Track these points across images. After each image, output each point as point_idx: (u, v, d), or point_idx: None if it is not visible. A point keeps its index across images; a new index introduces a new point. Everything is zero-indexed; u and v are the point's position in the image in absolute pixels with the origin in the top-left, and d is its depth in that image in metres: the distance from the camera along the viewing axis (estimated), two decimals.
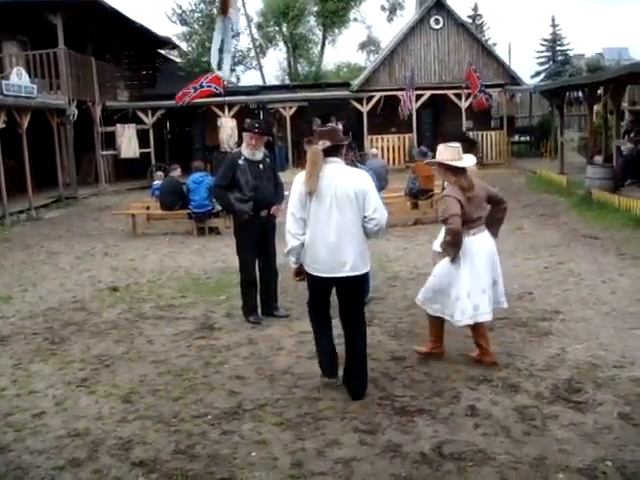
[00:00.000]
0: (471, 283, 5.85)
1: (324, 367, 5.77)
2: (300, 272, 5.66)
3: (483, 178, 6.32)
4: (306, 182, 5.35)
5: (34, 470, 4.58)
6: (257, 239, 7.73)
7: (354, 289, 5.55)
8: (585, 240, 11.51)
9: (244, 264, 7.87)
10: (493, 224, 6.17)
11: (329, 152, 5.38)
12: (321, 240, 5.34)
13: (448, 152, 5.95)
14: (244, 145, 7.79)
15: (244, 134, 7.93)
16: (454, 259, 5.91)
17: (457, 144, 6.12)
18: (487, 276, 5.91)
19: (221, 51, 21.57)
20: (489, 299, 5.92)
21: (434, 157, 6.43)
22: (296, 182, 5.48)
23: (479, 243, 5.91)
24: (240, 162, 7.64)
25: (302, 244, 5.44)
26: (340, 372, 5.73)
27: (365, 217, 5.31)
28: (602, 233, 12.05)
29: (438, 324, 6.21)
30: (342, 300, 5.60)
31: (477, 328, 6.04)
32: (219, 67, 19.09)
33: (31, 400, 5.80)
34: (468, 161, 6.02)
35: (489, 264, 5.95)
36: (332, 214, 5.29)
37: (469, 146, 7.72)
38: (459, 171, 5.90)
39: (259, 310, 7.89)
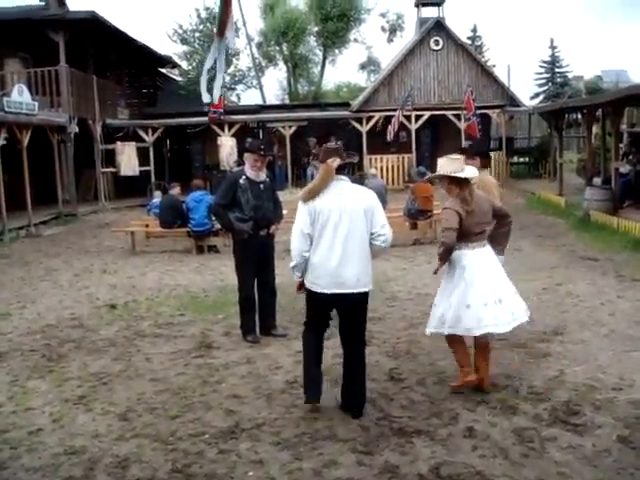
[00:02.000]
0: (470, 295, 5.71)
1: (308, 389, 5.68)
2: (302, 285, 5.67)
3: None
4: (306, 194, 5.45)
5: None
6: (256, 258, 7.73)
7: (358, 306, 5.54)
8: (584, 262, 11.52)
9: (243, 283, 7.87)
10: (498, 239, 6.15)
11: (338, 170, 5.48)
12: (327, 256, 5.38)
13: (450, 164, 5.88)
14: (248, 166, 7.77)
15: (248, 155, 7.85)
16: (436, 272, 6.02)
17: (459, 156, 6.11)
18: (487, 290, 5.73)
19: (211, 72, 21.28)
20: (493, 313, 5.72)
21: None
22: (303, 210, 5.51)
23: (476, 257, 5.80)
24: (241, 181, 7.65)
25: (307, 260, 5.48)
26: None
27: (373, 233, 5.42)
28: (600, 255, 12.07)
29: (459, 346, 5.99)
30: (345, 318, 5.59)
31: (479, 345, 5.95)
32: (209, 90, 18.93)
33: (28, 417, 5.78)
34: (470, 172, 5.92)
35: (488, 279, 5.78)
36: (339, 230, 5.35)
37: (487, 160, 7.87)
38: (463, 183, 5.83)
39: (257, 329, 7.88)
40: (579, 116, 25.13)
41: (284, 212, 8.40)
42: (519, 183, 25.84)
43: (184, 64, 36.55)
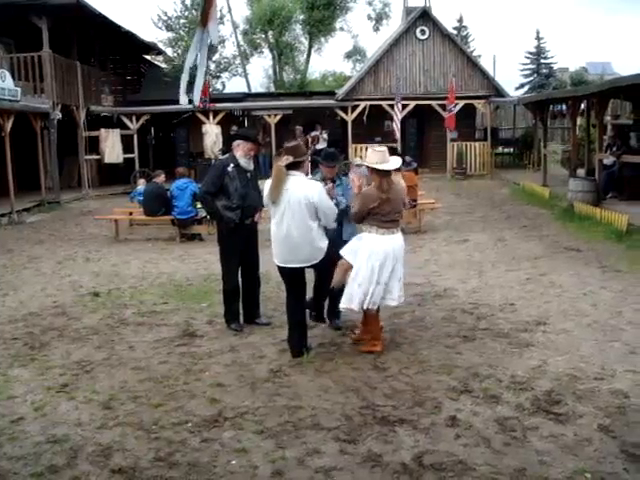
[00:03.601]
0: (364, 274, 6.49)
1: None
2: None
3: (467, 188, 6.35)
4: (270, 194, 6.55)
5: (12, 477, 4.54)
6: (241, 247, 7.71)
7: (309, 267, 6.77)
8: (567, 252, 11.58)
9: (227, 272, 7.84)
10: None
11: (291, 166, 6.50)
12: (277, 237, 6.61)
13: (375, 156, 6.56)
14: (241, 154, 7.67)
15: (243, 143, 7.70)
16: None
17: (383, 148, 6.79)
18: (382, 272, 6.50)
19: (192, 71, 20.85)
20: (379, 292, 6.57)
21: (418, 167, 6.73)
22: (264, 188, 6.70)
23: (382, 243, 6.52)
24: (229, 169, 7.58)
25: None
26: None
27: (320, 220, 6.55)
28: (584, 245, 12.13)
29: (373, 318, 6.90)
30: (288, 283, 6.91)
31: (367, 314, 6.84)
32: (189, 89, 18.56)
33: (10, 406, 5.75)
34: (392, 164, 6.59)
35: (385, 263, 6.50)
36: (285, 217, 6.48)
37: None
38: (383, 173, 6.54)
39: (241, 318, 7.87)
40: (564, 107, 25.23)
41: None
42: (504, 173, 25.92)
43: (169, 51, 36.40)
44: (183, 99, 15.54)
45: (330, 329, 7.58)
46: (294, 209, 6.42)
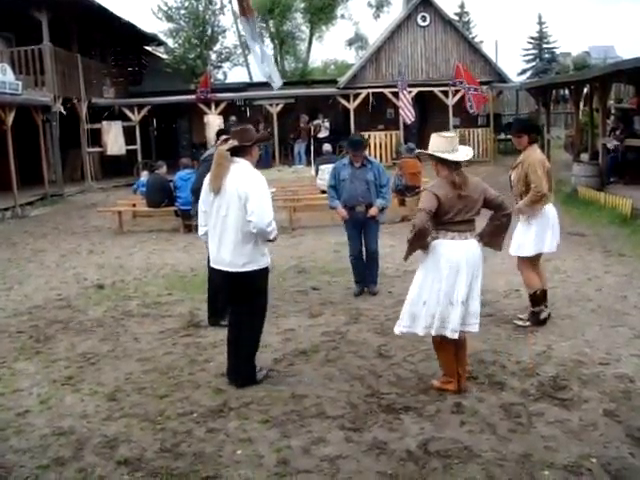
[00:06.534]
0: (434, 290, 5.26)
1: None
2: None
3: (470, 174, 6.19)
4: (211, 182, 5.63)
5: (18, 469, 4.55)
6: None
7: (235, 284, 5.71)
8: (571, 237, 11.54)
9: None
10: (494, 233, 5.55)
11: (236, 152, 5.61)
12: (212, 233, 5.72)
13: (441, 142, 5.34)
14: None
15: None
16: (406, 258, 5.45)
17: (452, 133, 5.65)
18: (458, 289, 5.22)
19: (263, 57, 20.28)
20: (459, 315, 5.22)
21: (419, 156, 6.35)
22: (206, 179, 5.77)
23: (454, 250, 5.26)
24: None
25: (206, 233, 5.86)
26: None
27: (247, 219, 5.46)
28: (588, 230, 12.11)
29: (442, 349, 5.53)
30: (228, 291, 5.90)
31: (441, 343, 5.46)
32: (271, 79, 18.19)
33: (15, 399, 5.76)
34: (463, 154, 5.36)
35: (462, 276, 5.23)
36: (220, 212, 5.59)
37: (535, 134, 7.08)
38: (452, 165, 5.31)
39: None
40: (567, 92, 25.10)
41: (273, 190, 8.33)
42: (507, 159, 25.75)
43: (170, 42, 36.23)
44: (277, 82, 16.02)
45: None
46: (228, 200, 5.52)
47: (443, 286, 5.22)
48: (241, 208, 5.46)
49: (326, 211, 11.07)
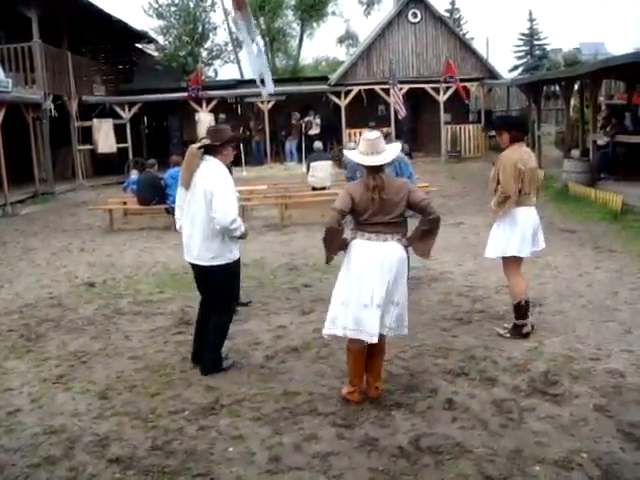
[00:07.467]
0: (349, 291, 5.12)
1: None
2: None
3: (462, 171, 6.18)
4: (181, 177, 5.93)
5: (9, 468, 4.53)
6: None
7: (205, 276, 5.98)
8: (562, 233, 11.58)
9: None
10: (421, 238, 5.23)
11: (207, 151, 5.85)
12: (184, 227, 5.99)
13: (362, 145, 5.13)
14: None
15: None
16: (327, 260, 5.28)
17: (376, 134, 5.21)
18: (373, 291, 5.00)
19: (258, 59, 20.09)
20: (376, 318, 5.01)
21: (412, 151, 6.30)
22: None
23: (368, 251, 5.04)
24: None
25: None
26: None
27: (211, 215, 5.69)
28: (578, 226, 12.14)
29: (349, 352, 5.35)
30: (199, 283, 6.20)
31: (349, 347, 5.29)
32: (262, 82, 17.98)
33: (6, 398, 5.74)
34: (382, 157, 5.06)
35: (376, 278, 4.98)
36: (191, 207, 5.86)
37: (518, 132, 6.63)
38: (369, 168, 5.06)
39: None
40: (557, 88, 25.14)
41: (264, 187, 8.36)
42: (498, 156, 25.85)
43: (160, 39, 36.18)
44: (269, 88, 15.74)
45: None
46: (197, 197, 5.73)
47: (355, 287, 5.06)
48: (208, 205, 5.68)
49: (317, 208, 11.06)
